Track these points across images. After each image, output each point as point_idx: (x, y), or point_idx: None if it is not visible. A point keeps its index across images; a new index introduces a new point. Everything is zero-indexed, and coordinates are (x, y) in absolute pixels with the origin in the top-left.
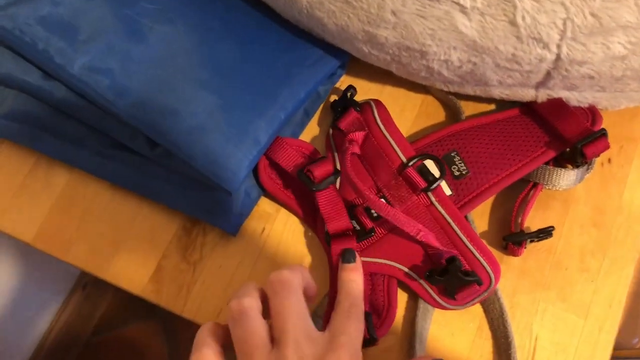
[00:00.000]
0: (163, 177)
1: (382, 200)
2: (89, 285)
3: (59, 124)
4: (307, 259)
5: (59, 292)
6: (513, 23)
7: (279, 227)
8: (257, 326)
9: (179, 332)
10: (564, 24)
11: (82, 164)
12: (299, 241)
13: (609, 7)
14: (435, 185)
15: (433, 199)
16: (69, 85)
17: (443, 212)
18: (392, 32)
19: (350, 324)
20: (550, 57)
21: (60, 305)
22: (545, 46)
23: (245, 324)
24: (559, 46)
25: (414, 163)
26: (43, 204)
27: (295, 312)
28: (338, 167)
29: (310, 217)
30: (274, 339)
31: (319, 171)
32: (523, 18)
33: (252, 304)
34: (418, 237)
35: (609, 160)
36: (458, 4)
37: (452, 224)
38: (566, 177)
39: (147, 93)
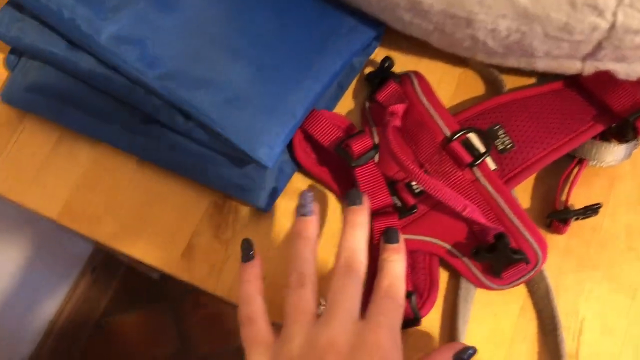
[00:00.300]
0: (193, 153)
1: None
2: (98, 269)
3: (85, 97)
4: None
5: (68, 276)
6: None
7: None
8: (310, 297)
9: (188, 314)
10: None
11: (109, 138)
12: (333, 219)
13: None
14: (481, 160)
15: (478, 174)
16: (96, 56)
17: (489, 187)
18: (436, 1)
19: (388, 304)
20: (604, 25)
21: (69, 288)
22: (601, 14)
23: (300, 292)
24: (614, 13)
25: (458, 137)
26: (68, 179)
27: (351, 294)
28: (376, 141)
29: None
30: (324, 311)
31: (358, 146)
32: None
33: (312, 279)
34: (464, 213)
35: None
36: None
37: (499, 200)
38: (615, 153)
39: (180, 63)
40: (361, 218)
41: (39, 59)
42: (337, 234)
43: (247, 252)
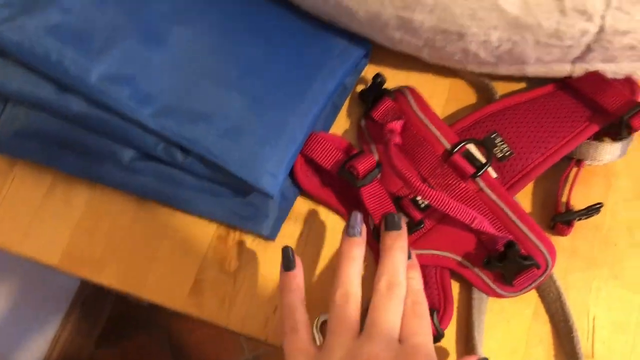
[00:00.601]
0: (194, 186)
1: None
2: (87, 302)
3: (77, 139)
4: None
5: (57, 311)
6: (554, 2)
7: (319, 228)
8: (354, 314)
9: (181, 338)
10: (607, 1)
11: (106, 179)
12: (337, 240)
13: None
14: (483, 170)
15: (482, 184)
16: (87, 97)
17: (494, 197)
18: (428, 15)
19: (420, 323)
20: (593, 29)
21: (59, 323)
22: (590, 18)
23: (345, 308)
24: (603, 17)
25: (459, 149)
26: (65, 224)
27: (392, 314)
28: (377, 158)
29: None
30: (364, 329)
31: (362, 166)
32: None
33: (357, 298)
34: (473, 225)
35: None
36: None
37: (505, 208)
38: (611, 151)
39: (173, 98)
40: (400, 243)
41: (26, 104)
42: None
43: (288, 260)
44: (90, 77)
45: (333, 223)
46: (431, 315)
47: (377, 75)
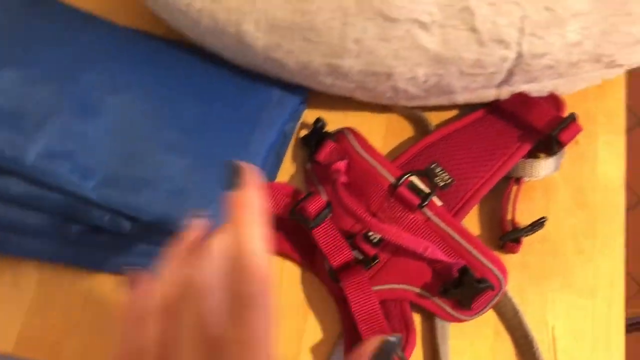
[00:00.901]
0: (145, 253)
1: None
2: None
3: (19, 219)
4: (312, 302)
5: None
6: (473, 30)
7: (274, 277)
8: None
9: None
10: (522, 21)
11: (53, 256)
12: (297, 287)
13: (557, 3)
14: (428, 200)
15: (429, 213)
16: (27, 177)
17: (442, 225)
18: (355, 60)
19: None
20: (512, 55)
21: None
22: (507, 46)
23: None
24: (519, 44)
25: (403, 182)
26: (17, 308)
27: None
28: (326, 199)
29: (307, 259)
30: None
31: (313, 206)
32: (482, 23)
33: None
34: (426, 254)
35: (576, 141)
36: (417, 21)
37: (454, 234)
38: (546, 167)
39: (114, 168)
40: None
41: None
42: (300, 305)
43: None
44: (28, 157)
45: (289, 272)
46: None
47: (317, 120)
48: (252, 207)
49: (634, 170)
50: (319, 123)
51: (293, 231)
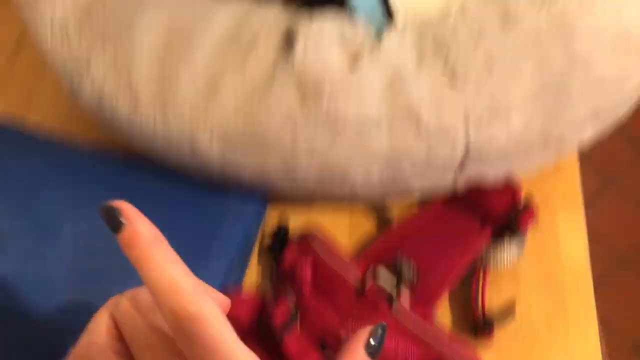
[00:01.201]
0: None
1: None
2: None
3: None
4: None
5: None
6: (419, 132)
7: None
8: None
9: None
10: (466, 120)
11: None
12: None
13: (499, 92)
14: (396, 300)
15: (398, 312)
16: None
17: (412, 323)
18: (309, 170)
19: None
20: (460, 150)
21: None
22: (454, 144)
23: None
24: (467, 141)
25: (368, 282)
26: None
27: None
28: (293, 304)
29: None
30: None
31: (280, 315)
32: (427, 126)
33: None
34: (399, 354)
35: (536, 223)
36: (364, 126)
37: (424, 332)
38: (509, 252)
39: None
40: None
41: None
42: None
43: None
44: None
45: None
46: None
47: (280, 228)
48: (148, 238)
49: None
50: (282, 231)
51: (259, 342)
